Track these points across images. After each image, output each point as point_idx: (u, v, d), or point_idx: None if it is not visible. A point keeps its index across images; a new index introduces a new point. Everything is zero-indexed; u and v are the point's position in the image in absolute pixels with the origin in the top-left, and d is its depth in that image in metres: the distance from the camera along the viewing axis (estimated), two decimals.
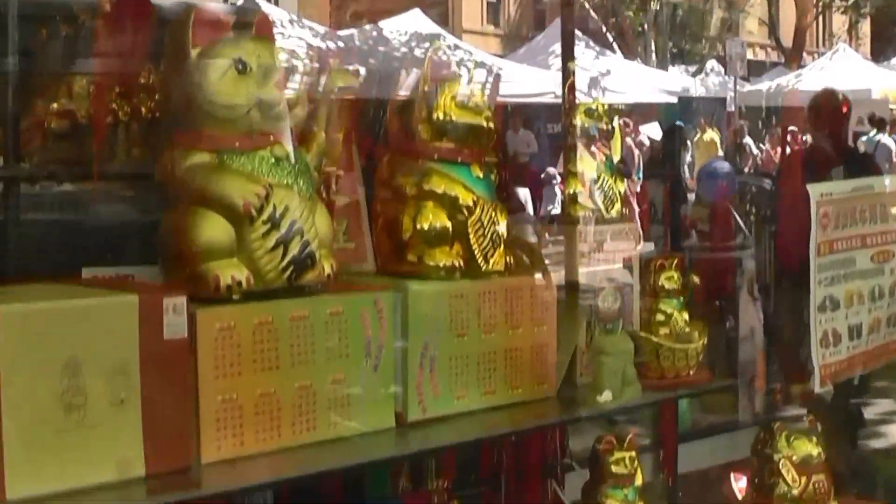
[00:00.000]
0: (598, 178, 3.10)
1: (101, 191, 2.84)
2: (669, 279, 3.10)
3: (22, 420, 2.13)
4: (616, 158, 3.18)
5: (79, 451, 2.19)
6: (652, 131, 15.62)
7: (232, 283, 2.40)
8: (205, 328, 2.36)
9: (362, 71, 3.10)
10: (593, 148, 3.13)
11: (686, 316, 3.11)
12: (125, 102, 2.91)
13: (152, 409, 2.28)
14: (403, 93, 2.88)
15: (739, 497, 3.97)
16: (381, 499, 3.24)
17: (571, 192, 3.07)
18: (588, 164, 3.13)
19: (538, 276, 2.94)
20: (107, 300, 2.30)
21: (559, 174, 3.31)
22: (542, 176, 11.98)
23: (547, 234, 3.10)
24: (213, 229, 2.42)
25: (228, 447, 2.40)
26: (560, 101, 3.34)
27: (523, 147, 14.56)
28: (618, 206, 3.16)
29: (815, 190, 3.48)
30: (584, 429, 3.49)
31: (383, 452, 2.63)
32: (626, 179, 3.13)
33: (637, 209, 3.59)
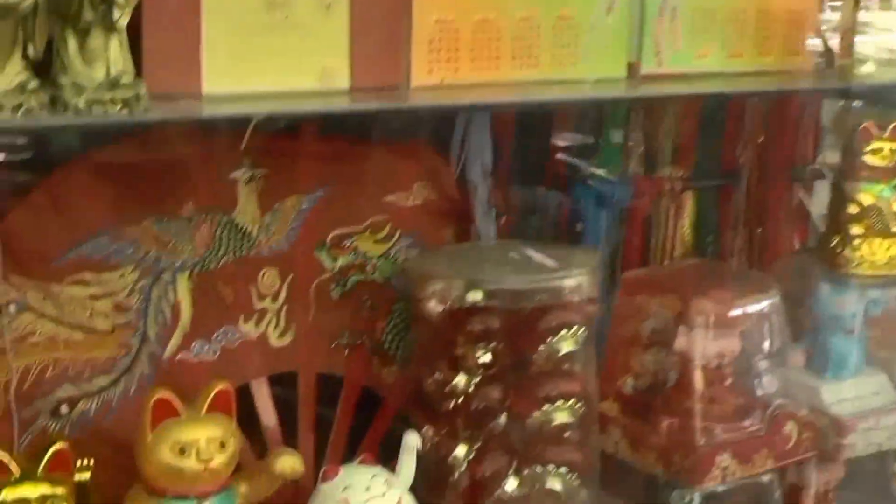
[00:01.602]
0: None
1: None
2: None
3: (223, 11, 1.99)
4: None
5: (280, 53, 2.05)
6: None
7: None
8: None
9: None
10: None
11: None
12: None
13: (361, 19, 2.12)
14: None
15: None
16: (611, 180, 3.06)
17: None
18: None
19: None
20: None
21: None
22: None
23: None
24: None
25: (441, 71, 2.22)
26: None
27: None
28: None
29: None
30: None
31: (612, 94, 2.42)
32: None
33: None
